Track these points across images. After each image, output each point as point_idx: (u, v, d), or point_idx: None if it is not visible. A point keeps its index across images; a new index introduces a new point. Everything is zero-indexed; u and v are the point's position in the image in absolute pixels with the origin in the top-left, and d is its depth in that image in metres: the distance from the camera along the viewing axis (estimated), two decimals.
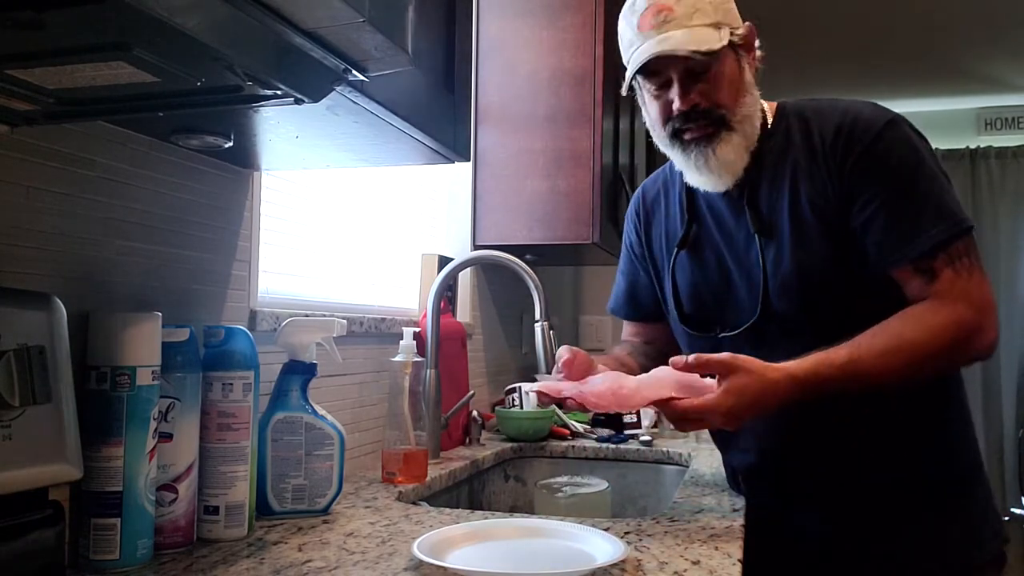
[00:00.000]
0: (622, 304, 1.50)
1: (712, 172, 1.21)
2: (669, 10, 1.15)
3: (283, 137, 1.01)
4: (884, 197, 1.12)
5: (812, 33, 3.72)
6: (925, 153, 1.16)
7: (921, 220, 1.11)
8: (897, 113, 1.18)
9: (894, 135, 1.15)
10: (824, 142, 1.18)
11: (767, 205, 1.22)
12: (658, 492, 1.85)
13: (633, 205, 1.47)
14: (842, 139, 1.16)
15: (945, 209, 1.12)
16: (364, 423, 1.55)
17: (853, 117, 1.17)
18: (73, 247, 0.91)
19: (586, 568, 0.88)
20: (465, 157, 1.24)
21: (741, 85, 1.20)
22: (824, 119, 1.20)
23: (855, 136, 1.15)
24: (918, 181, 1.13)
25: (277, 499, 1.12)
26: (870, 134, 1.15)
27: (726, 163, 1.19)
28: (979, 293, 1.11)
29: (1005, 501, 4.37)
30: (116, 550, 0.87)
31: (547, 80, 2.17)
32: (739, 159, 1.20)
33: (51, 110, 0.74)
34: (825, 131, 1.18)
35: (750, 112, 1.20)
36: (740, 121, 1.19)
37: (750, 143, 1.21)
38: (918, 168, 1.14)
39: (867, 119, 1.16)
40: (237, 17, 0.60)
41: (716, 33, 1.15)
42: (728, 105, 1.18)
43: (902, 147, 1.15)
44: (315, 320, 1.17)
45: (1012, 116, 4.85)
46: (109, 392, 0.87)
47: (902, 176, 1.13)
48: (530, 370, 2.55)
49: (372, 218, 1.77)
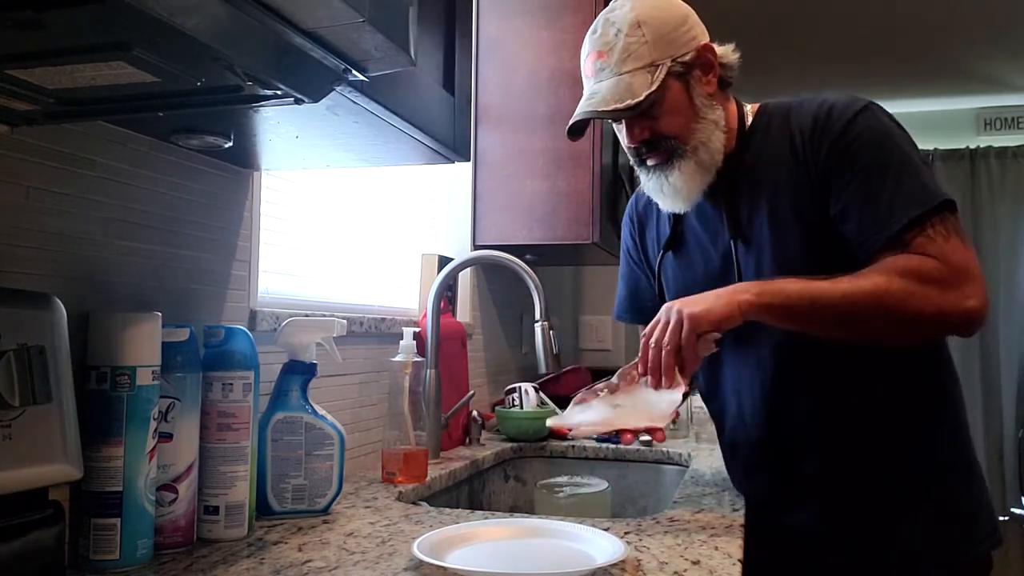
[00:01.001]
0: (625, 309, 1.51)
1: (668, 196, 1.24)
2: (604, 56, 1.18)
3: (283, 137, 1.01)
4: (858, 183, 1.12)
5: (812, 33, 3.71)
6: (897, 137, 1.15)
7: (894, 201, 1.10)
8: (872, 101, 1.18)
9: (866, 121, 1.15)
10: (803, 134, 1.18)
11: (747, 209, 1.22)
12: (658, 492, 1.85)
13: (628, 210, 1.49)
14: (818, 129, 1.16)
15: (917, 187, 1.11)
16: (364, 423, 1.55)
17: (828, 106, 1.17)
18: (73, 247, 0.91)
19: (586, 568, 0.88)
20: (465, 157, 1.24)
21: (690, 112, 1.20)
22: (802, 112, 1.20)
23: (829, 125, 1.16)
24: (890, 164, 1.12)
25: (277, 499, 1.12)
26: (842, 121, 1.15)
27: (679, 189, 1.22)
28: (956, 257, 1.07)
29: (1005, 501, 4.37)
30: (116, 550, 0.87)
31: (547, 80, 2.17)
32: (695, 184, 1.22)
33: (51, 110, 0.74)
34: (804, 124, 1.19)
35: (705, 137, 1.21)
36: (694, 148, 1.20)
37: (710, 165, 1.21)
38: (890, 151, 1.13)
39: (840, 107, 1.16)
40: (237, 17, 0.60)
41: (648, 76, 1.16)
42: (677, 135, 1.20)
43: (874, 132, 1.14)
44: (315, 320, 1.17)
45: (1012, 116, 4.84)
46: (109, 392, 0.87)
47: (875, 160, 1.13)
48: (530, 370, 2.55)
49: (372, 218, 1.77)
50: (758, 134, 1.24)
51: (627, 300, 1.50)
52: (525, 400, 2.00)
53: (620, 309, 1.52)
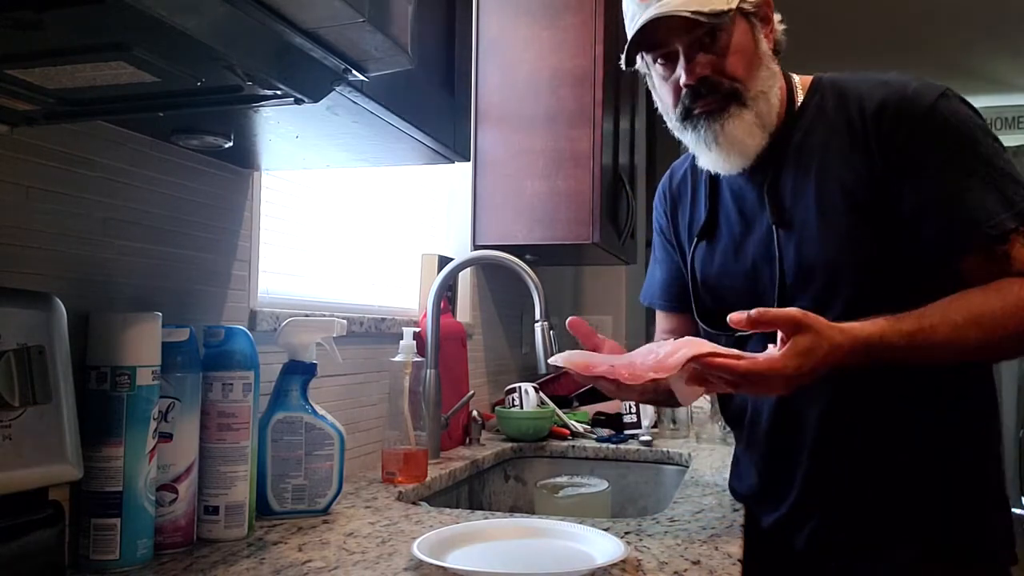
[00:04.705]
0: (656, 292, 1.39)
1: (721, 150, 1.11)
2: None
3: (283, 137, 1.01)
4: (940, 180, 1.02)
5: (812, 33, 3.72)
6: (979, 128, 1.05)
7: (987, 201, 1.00)
8: (943, 89, 1.07)
9: (946, 110, 1.04)
10: (865, 118, 1.08)
11: (792, 193, 1.13)
12: (658, 492, 1.85)
13: (661, 188, 1.38)
14: (888, 114, 1.06)
15: (1012, 187, 1.01)
16: (364, 423, 1.55)
17: (899, 90, 1.07)
18: (73, 247, 0.91)
19: (586, 568, 0.88)
20: (465, 157, 1.23)
21: (755, 57, 1.10)
22: (865, 92, 1.10)
23: (904, 111, 1.05)
24: (977, 159, 1.02)
25: (277, 499, 1.12)
26: (919, 110, 1.04)
27: (735, 141, 1.10)
28: None
29: None
30: (116, 550, 0.87)
31: (547, 80, 2.17)
32: (751, 139, 1.11)
33: (51, 110, 0.74)
34: (867, 105, 1.08)
35: (766, 88, 1.11)
36: (754, 97, 1.10)
37: (766, 122, 1.12)
38: (975, 145, 1.03)
39: (916, 91, 1.06)
40: (237, 17, 0.60)
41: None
42: (740, 77, 1.09)
43: (957, 121, 1.04)
44: (315, 320, 1.17)
45: (1012, 116, 4.85)
46: (109, 392, 0.87)
47: (958, 155, 1.03)
48: (530, 370, 2.55)
49: (372, 218, 1.77)
50: (809, 111, 1.14)
51: (660, 283, 1.38)
52: (525, 400, 2.00)
53: (649, 292, 1.41)
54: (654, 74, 1.16)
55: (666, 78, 1.13)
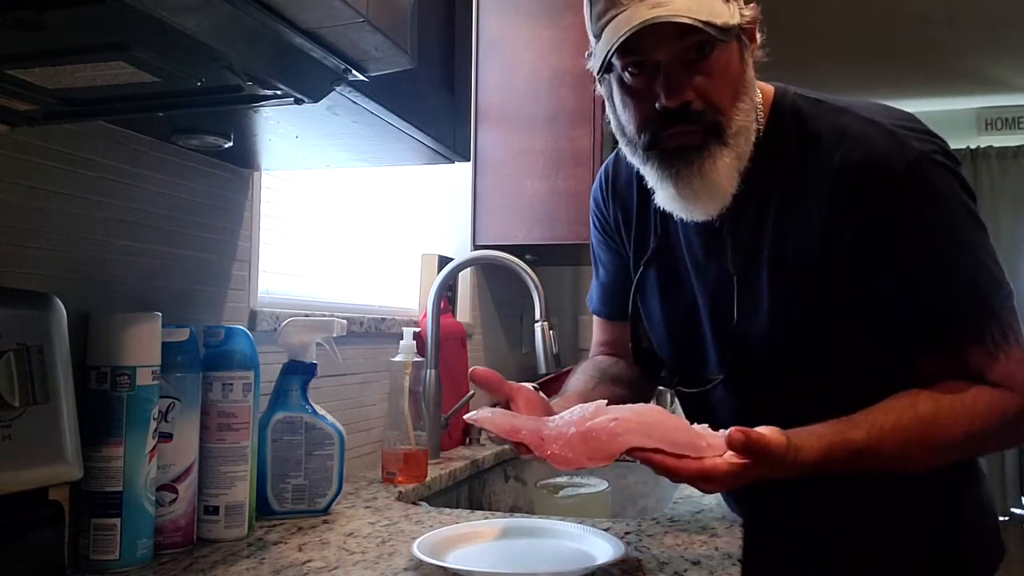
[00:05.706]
0: (597, 298, 1.25)
1: (691, 195, 0.94)
2: None
3: (283, 137, 1.01)
4: (901, 265, 0.91)
5: (812, 33, 3.71)
6: (956, 200, 0.92)
7: (957, 294, 0.90)
8: (922, 148, 0.91)
9: (920, 179, 0.90)
10: (821, 174, 0.93)
11: (747, 243, 0.99)
12: (658, 492, 1.85)
13: (604, 183, 1.19)
14: (847, 179, 0.92)
15: (983, 277, 0.91)
16: (364, 423, 1.55)
17: (864, 151, 0.91)
18: (73, 247, 0.91)
19: (586, 568, 0.88)
20: (465, 157, 1.23)
21: (740, 84, 0.94)
22: (826, 143, 0.94)
23: (868, 179, 0.91)
24: (950, 242, 0.91)
25: (277, 499, 1.12)
26: (888, 177, 0.90)
27: (711, 185, 0.93)
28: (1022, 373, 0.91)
29: (1005, 501, 4.37)
30: (116, 550, 0.87)
31: (547, 80, 2.17)
32: (729, 183, 0.94)
33: (51, 110, 0.74)
34: (824, 163, 0.93)
35: (747, 123, 0.95)
36: (735, 134, 0.93)
37: (743, 165, 0.95)
38: (948, 223, 0.91)
39: (882, 156, 0.90)
40: (237, 17, 0.60)
41: (726, 7, 0.89)
42: (724, 108, 0.92)
43: (929, 195, 0.91)
44: (315, 320, 1.17)
45: (1012, 116, 4.84)
46: (109, 392, 0.87)
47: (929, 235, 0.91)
48: (530, 370, 2.55)
49: (372, 218, 1.77)
50: (769, 143, 0.98)
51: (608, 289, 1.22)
52: None
53: (600, 301, 1.25)
54: (615, 82, 0.96)
55: (634, 92, 0.94)
